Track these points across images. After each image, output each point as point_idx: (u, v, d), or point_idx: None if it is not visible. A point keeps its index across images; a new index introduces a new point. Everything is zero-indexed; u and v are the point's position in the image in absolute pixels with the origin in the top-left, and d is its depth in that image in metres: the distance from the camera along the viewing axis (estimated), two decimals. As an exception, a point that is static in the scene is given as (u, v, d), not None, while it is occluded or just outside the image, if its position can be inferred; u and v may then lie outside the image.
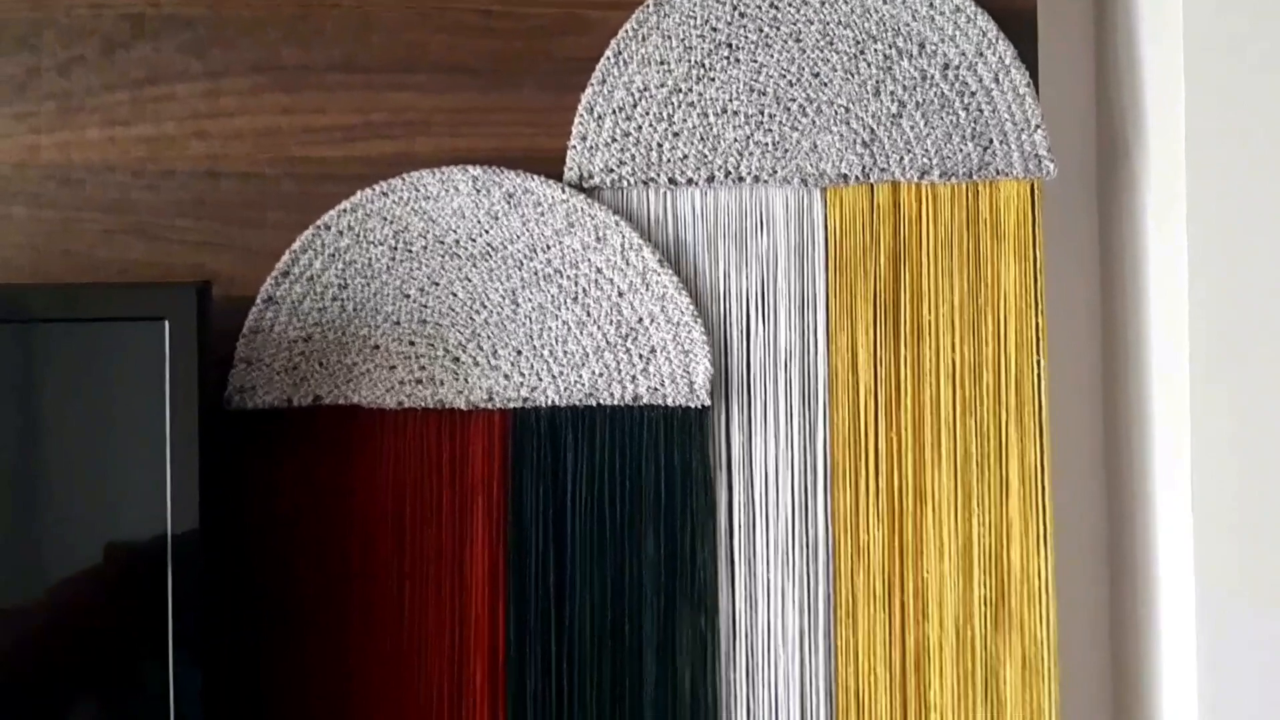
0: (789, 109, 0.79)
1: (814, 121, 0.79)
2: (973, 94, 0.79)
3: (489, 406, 0.78)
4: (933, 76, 0.79)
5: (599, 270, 0.78)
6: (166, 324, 0.70)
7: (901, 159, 0.79)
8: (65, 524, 0.71)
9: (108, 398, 0.71)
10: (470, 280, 0.79)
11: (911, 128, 0.79)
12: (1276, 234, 0.76)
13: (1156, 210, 0.79)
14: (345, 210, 0.78)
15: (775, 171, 0.79)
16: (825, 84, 0.79)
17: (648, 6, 0.79)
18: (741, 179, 0.79)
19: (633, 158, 0.79)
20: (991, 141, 0.79)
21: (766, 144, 0.79)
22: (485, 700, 0.77)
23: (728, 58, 0.79)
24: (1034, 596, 0.78)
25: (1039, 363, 0.79)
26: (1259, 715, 0.74)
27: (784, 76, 0.79)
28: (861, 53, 0.79)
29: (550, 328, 0.78)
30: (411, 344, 0.78)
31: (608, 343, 0.78)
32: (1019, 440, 0.79)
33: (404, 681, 0.77)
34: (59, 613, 0.70)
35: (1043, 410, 0.79)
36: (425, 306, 0.78)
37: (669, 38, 0.79)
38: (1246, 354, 0.75)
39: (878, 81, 0.79)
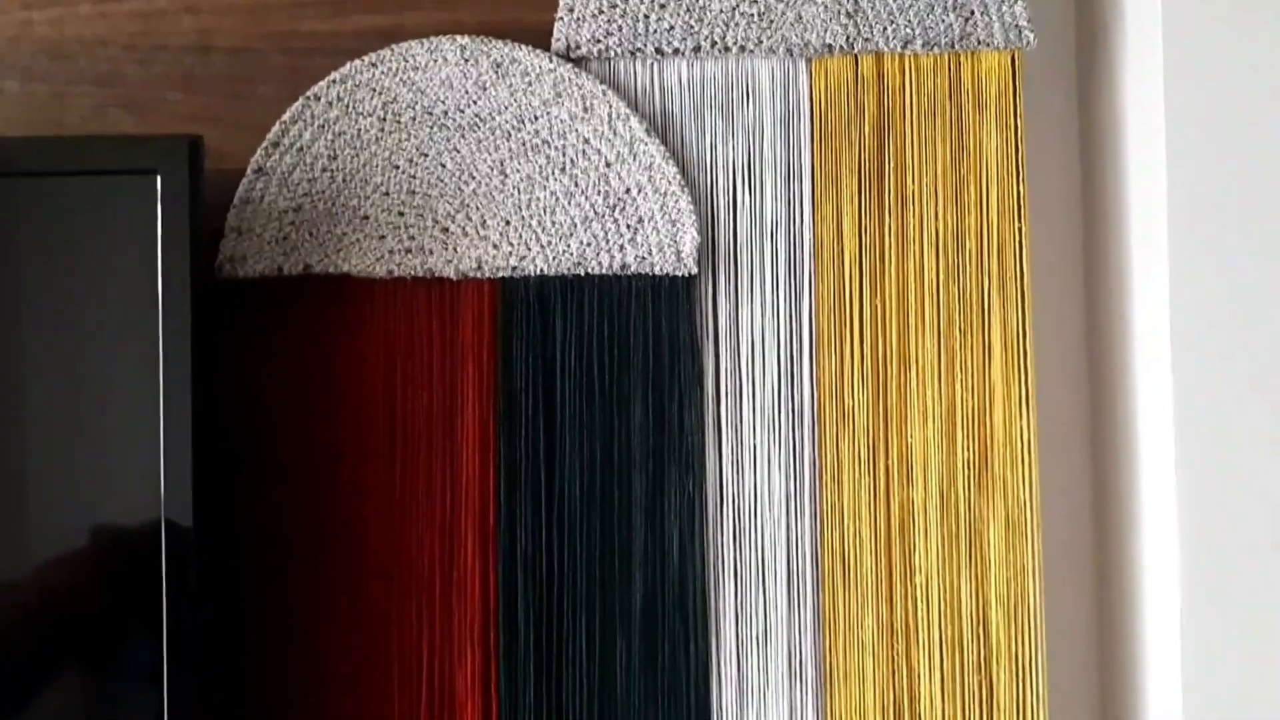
0: (773, -19, 0.80)
1: (798, -7, 0.80)
2: (955, -35, 0.80)
3: (478, 276, 0.79)
4: (915, -52, 0.80)
5: (586, 140, 0.79)
6: (158, 178, 0.70)
7: (885, 29, 0.80)
8: (54, 391, 0.72)
9: (99, 259, 0.72)
10: (459, 151, 0.79)
11: (895, -1, 0.80)
12: (1252, 101, 0.77)
13: (1135, 79, 0.80)
14: (334, 81, 0.79)
15: (761, 42, 0.80)
16: (809, -44, 0.80)
17: (633, -120, 0.80)
18: (728, 49, 0.80)
19: (620, 29, 0.80)
20: (973, 13, 0.80)
21: (752, 14, 0.80)
22: (476, 562, 0.78)
23: (712, -70, 0.80)
24: (1016, 459, 0.79)
25: (1021, 230, 0.80)
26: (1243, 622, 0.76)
27: (768, -52, 0.80)
28: (845, -75, 0.80)
29: (538, 198, 0.79)
30: (401, 214, 0.79)
31: (595, 213, 0.79)
32: (1001, 306, 0.80)
33: (396, 544, 0.78)
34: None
35: (1024, 276, 0.80)
36: (414, 177, 0.79)
37: (654, -90, 0.80)
38: (1226, 218, 0.76)
39: (861, -47, 0.80)
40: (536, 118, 0.79)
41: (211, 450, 0.75)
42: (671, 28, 0.80)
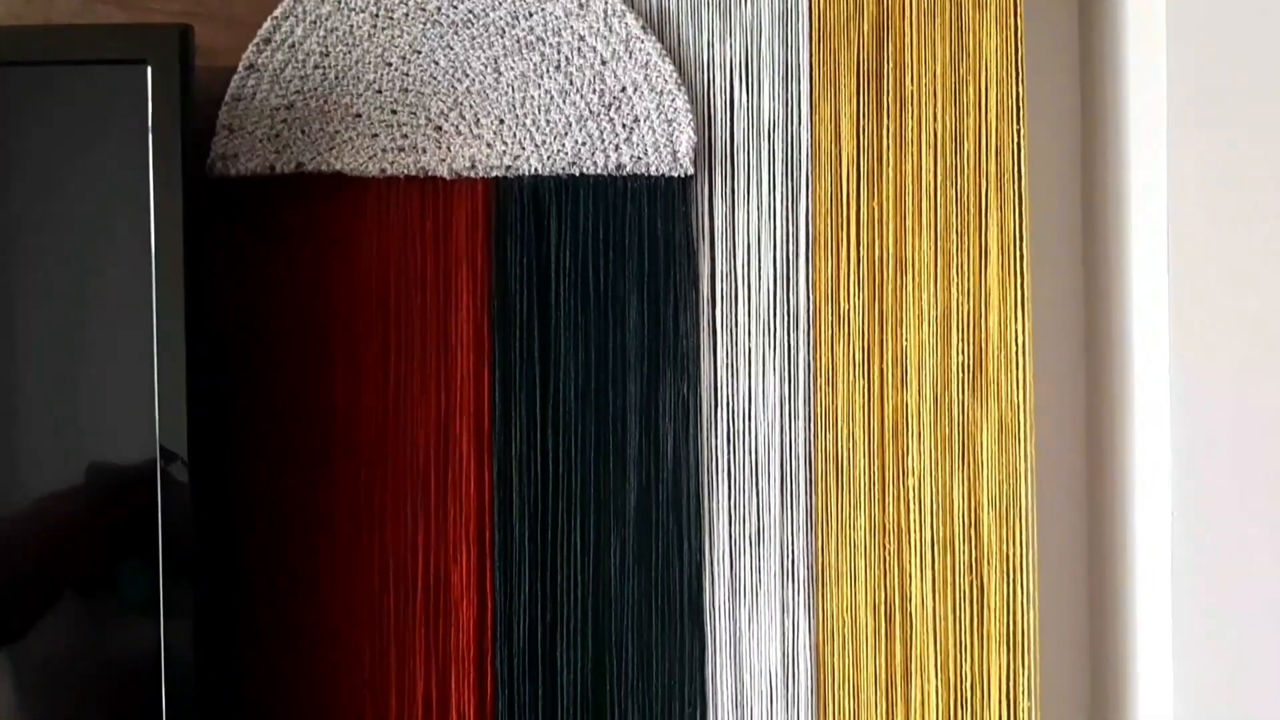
0: (772, -126, 0.78)
1: (798, -113, 0.78)
2: None
3: (472, 175, 0.78)
4: None
5: (581, 38, 0.78)
6: (148, 68, 0.69)
7: (885, -75, 0.79)
8: (41, 289, 0.71)
9: (88, 156, 0.71)
10: (452, 48, 0.78)
11: (896, -106, 0.78)
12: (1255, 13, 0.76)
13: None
14: (326, -24, 0.78)
15: (758, -62, 0.79)
16: None
17: None
18: (724, -55, 0.79)
19: (615, -77, 0.79)
20: (976, -91, 0.79)
21: (750, -91, 0.79)
22: (471, 461, 0.79)
23: None
24: (1011, 362, 0.79)
25: (1019, 132, 0.79)
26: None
27: None
28: None
29: (532, 96, 0.78)
30: (394, 112, 0.78)
31: (590, 111, 0.78)
32: (998, 208, 0.79)
33: (391, 444, 0.78)
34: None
35: (1022, 179, 0.79)
36: (407, 75, 0.78)
37: None
38: (1225, 119, 0.76)
39: None
40: (531, 14, 0.78)
41: (204, 352, 0.75)
42: (668, -78, 0.79)
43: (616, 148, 0.78)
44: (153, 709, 0.70)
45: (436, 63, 0.78)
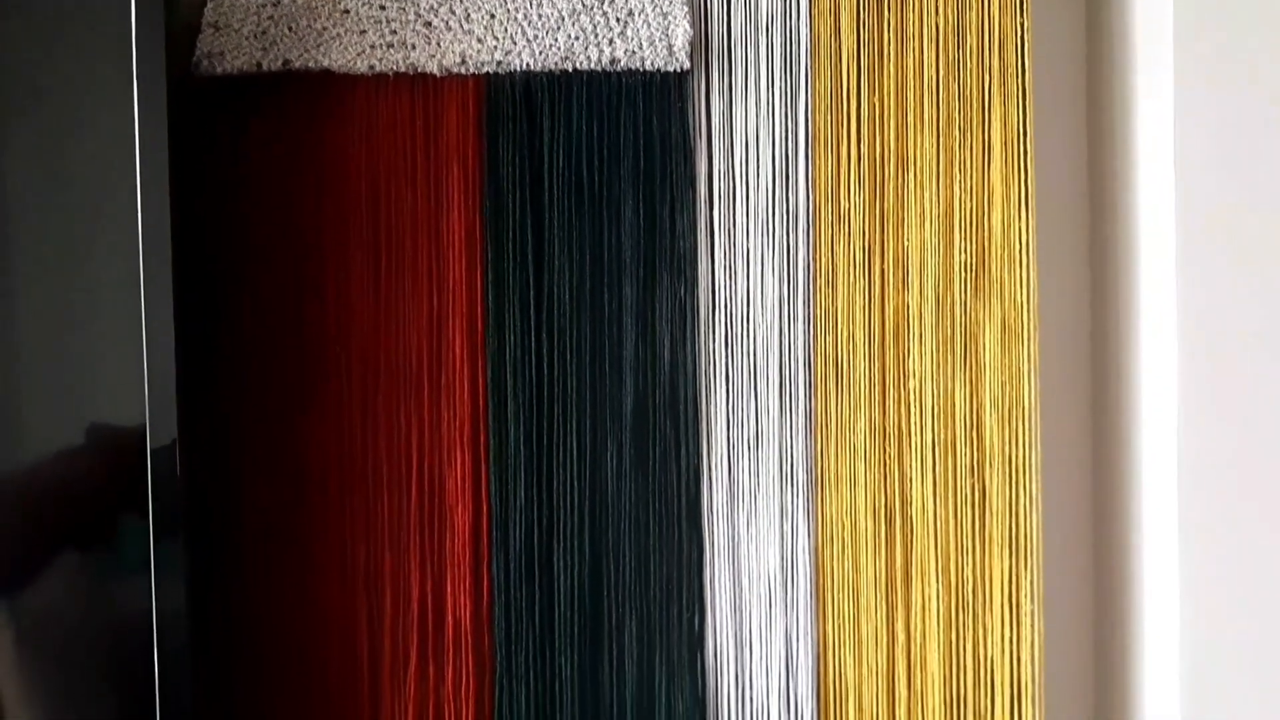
0: None
1: None
2: None
3: (462, 71, 0.77)
4: None
5: (574, -71, 0.76)
6: (127, -45, 0.67)
7: None
8: (23, 195, 0.70)
9: (68, 52, 0.69)
10: (441, -60, 0.76)
11: None
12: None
13: None
14: None
15: None
16: None
17: None
18: None
19: None
20: None
21: None
22: (465, 365, 0.77)
23: None
24: (1014, 261, 0.78)
25: (1022, 25, 0.77)
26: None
27: None
28: None
29: (524, -10, 0.76)
30: (382, 8, 0.76)
31: (583, 5, 0.76)
32: (1002, 104, 0.77)
33: (383, 347, 0.77)
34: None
35: (1025, 73, 0.77)
36: (395, -32, 0.76)
37: None
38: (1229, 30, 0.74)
39: None
40: (521, -96, 0.76)
41: (191, 258, 0.74)
42: None
43: (610, 42, 0.76)
44: (145, 649, 0.69)
45: (425, -44, 0.76)
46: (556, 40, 0.76)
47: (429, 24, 0.76)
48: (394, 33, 0.76)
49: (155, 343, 0.69)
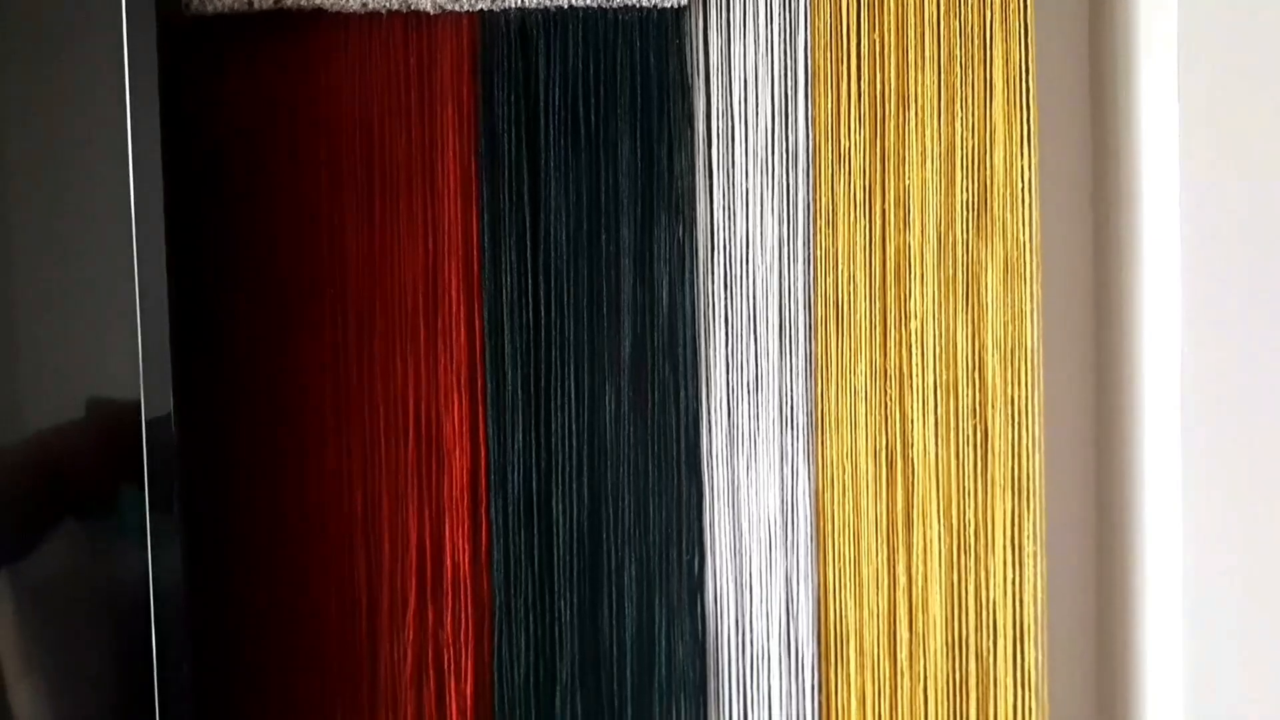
0: None
1: None
2: None
3: (456, 9, 0.75)
4: None
5: None
6: (111, -114, 0.66)
7: None
8: (10, 152, 0.69)
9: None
10: (433, -126, 0.75)
11: None
12: None
13: None
14: None
15: None
16: None
17: None
18: None
19: None
20: None
21: None
22: (461, 308, 0.76)
23: None
24: (1017, 200, 0.77)
25: (1028, -42, 0.76)
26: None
27: None
28: None
29: (518, -75, 0.75)
30: (374, -56, 0.75)
31: (579, -59, 0.75)
32: (1004, 40, 0.76)
33: (377, 291, 0.76)
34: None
35: (1028, 7, 0.76)
36: (387, -97, 0.75)
37: None
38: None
39: None
40: None
41: (182, 202, 0.73)
42: None
43: (606, -21, 0.75)
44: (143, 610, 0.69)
45: (416, -110, 0.75)
46: (551, -24, 0.75)
47: (421, -39, 0.75)
48: (386, -30, 0.75)
49: (149, 307, 0.68)
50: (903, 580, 0.78)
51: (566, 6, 0.75)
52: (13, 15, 0.68)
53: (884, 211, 0.77)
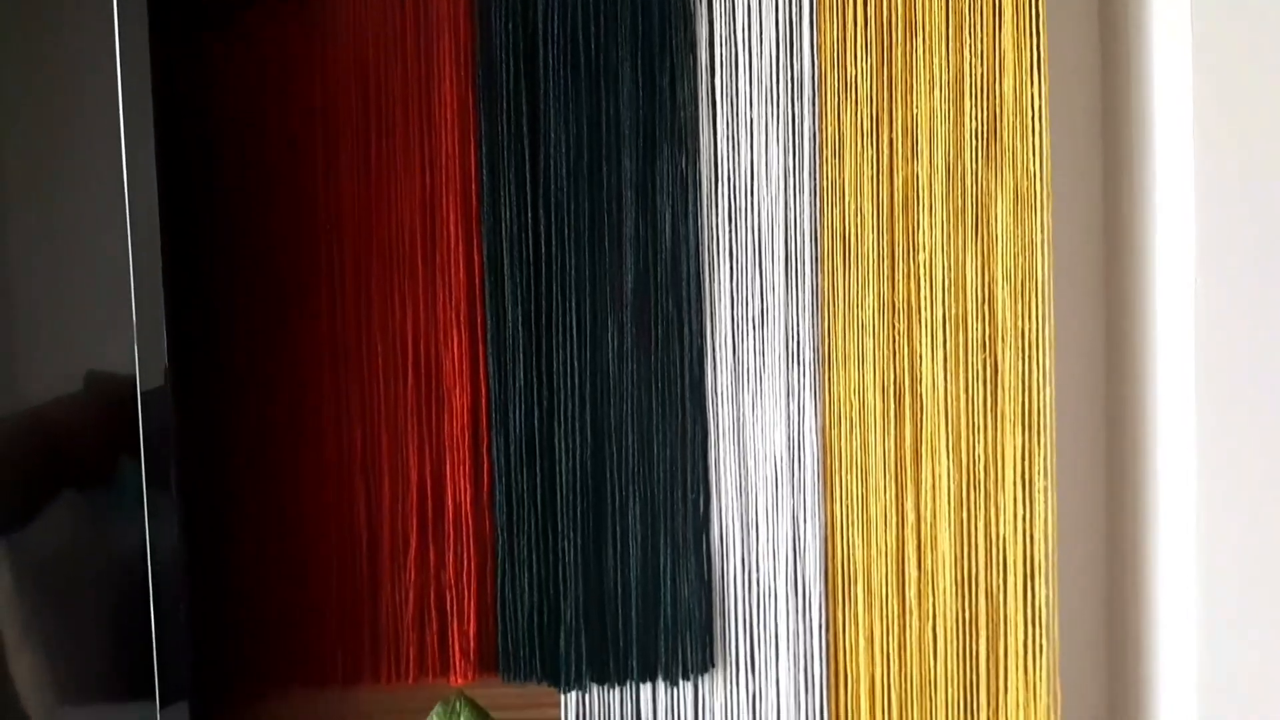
0: None
1: None
2: None
3: (451, -65, 0.73)
4: None
5: None
6: None
7: None
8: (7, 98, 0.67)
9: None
10: None
11: None
12: None
13: None
14: None
15: None
16: None
17: None
18: None
19: None
20: None
21: None
22: (460, 243, 0.75)
23: None
24: (1027, 128, 0.75)
25: (1038, -122, 0.74)
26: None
27: None
28: None
29: None
30: None
31: None
32: (1015, -38, 0.74)
33: (375, 227, 0.75)
34: None
35: (1041, -71, 0.74)
36: None
37: None
38: None
39: None
40: None
41: (175, 152, 0.71)
42: None
43: (605, -98, 0.73)
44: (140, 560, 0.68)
45: None
46: (549, -100, 0.73)
47: (415, -115, 0.73)
48: (378, -106, 0.73)
49: (142, 260, 0.66)
50: (911, 517, 0.76)
51: (565, -69, 0.73)
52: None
53: (891, 141, 0.75)
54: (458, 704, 0.69)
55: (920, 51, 0.75)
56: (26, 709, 0.68)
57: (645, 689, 0.76)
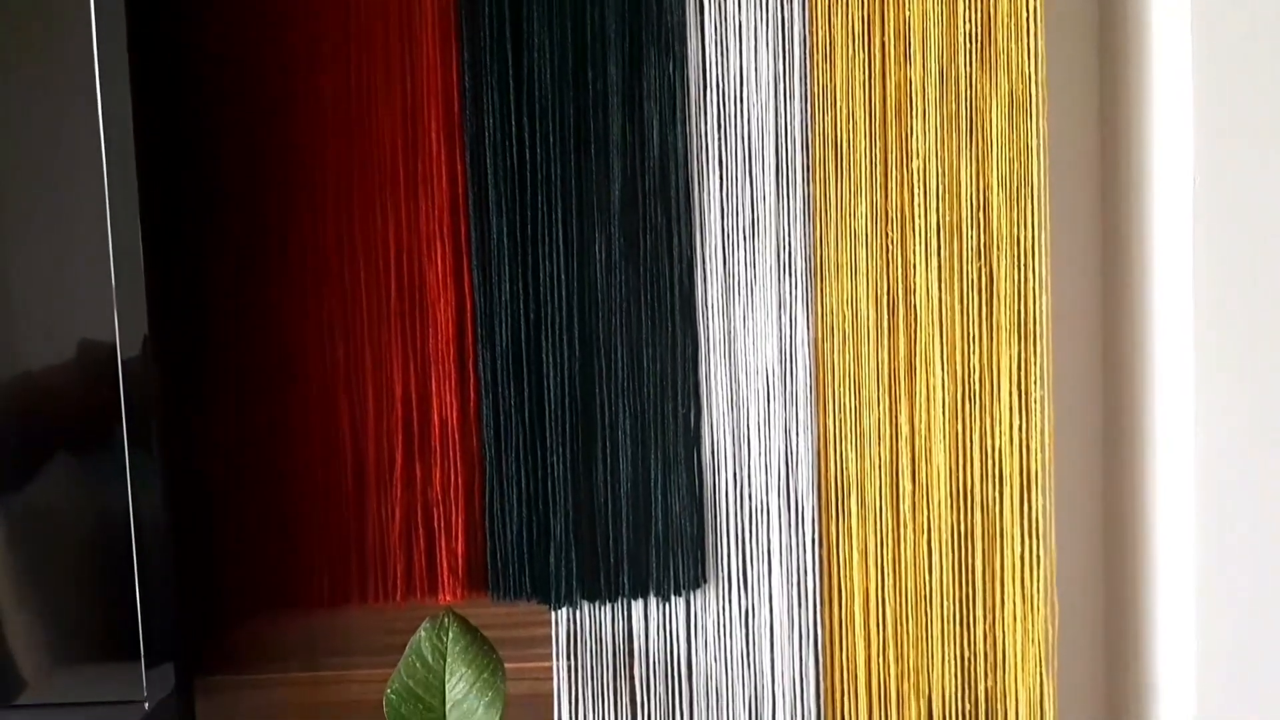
0: None
1: None
2: None
3: None
4: None
5: None
6: None
7: None
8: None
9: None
10: None
11: None
12: None
13: None
14: None
15: None
16: None
17: None
18: None
19: None
20: None
21: None
22: (442, 151, 0.73)
23: None
24: (1021, 30, 0.73)
25: None
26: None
27: None
28: None
29: None
30: None
31: None
32: None
33: (355, 136, 0.73)
34: None
35: None
36: None
37: None
38: None
39: None
40: None
41: (150, 99, 0.69)
42: None
43: None
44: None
45: None
46: None
47: None
48: None
49: (119, 212, 0.65)
50: (905, 430, 0.75)
51: None
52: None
53: (883, 45, 0.73)
54: (446, 619, 0.68)
55: (913, -48, 0.73)
56: (14, 671, 0.67)
57: (636, 605, 0.75)
